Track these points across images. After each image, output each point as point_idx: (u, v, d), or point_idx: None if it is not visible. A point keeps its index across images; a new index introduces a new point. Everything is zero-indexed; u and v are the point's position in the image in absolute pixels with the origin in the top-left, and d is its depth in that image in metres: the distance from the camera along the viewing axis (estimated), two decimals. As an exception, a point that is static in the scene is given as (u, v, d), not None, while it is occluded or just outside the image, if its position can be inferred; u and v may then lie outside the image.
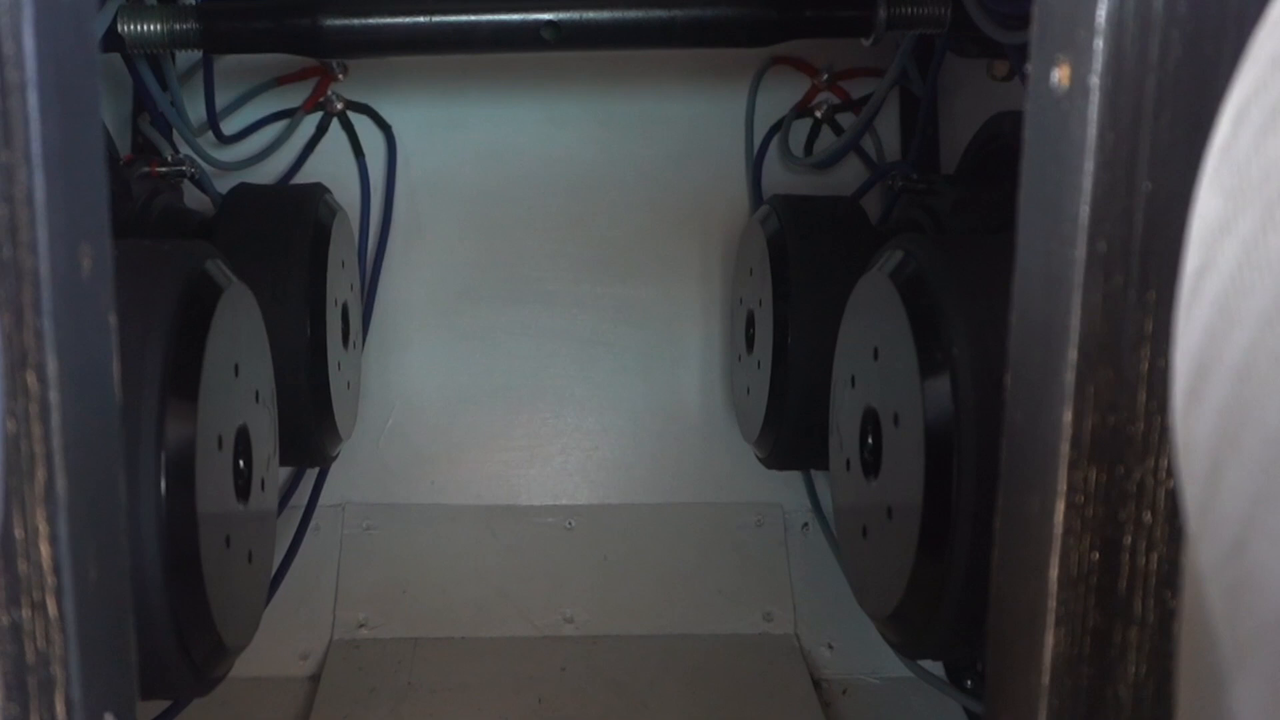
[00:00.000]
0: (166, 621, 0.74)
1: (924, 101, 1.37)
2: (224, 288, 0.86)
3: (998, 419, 0.47)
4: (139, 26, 1.14)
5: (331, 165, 1.47)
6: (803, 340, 1.20)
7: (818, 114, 1.49)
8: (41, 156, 0.38)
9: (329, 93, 1.46)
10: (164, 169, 1.27)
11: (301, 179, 1.46)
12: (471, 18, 1.17)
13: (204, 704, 0.97)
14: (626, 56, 1.48)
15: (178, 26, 1.15)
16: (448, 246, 1.51)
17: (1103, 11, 0.41)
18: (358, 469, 1.48)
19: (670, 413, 1.52)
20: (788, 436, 1.25)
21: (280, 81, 1.45)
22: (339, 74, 1.46)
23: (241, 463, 0.88)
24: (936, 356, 0.83)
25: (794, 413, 1.22)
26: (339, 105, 1.47)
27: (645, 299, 1.52)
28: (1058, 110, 0.44)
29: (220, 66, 1.41)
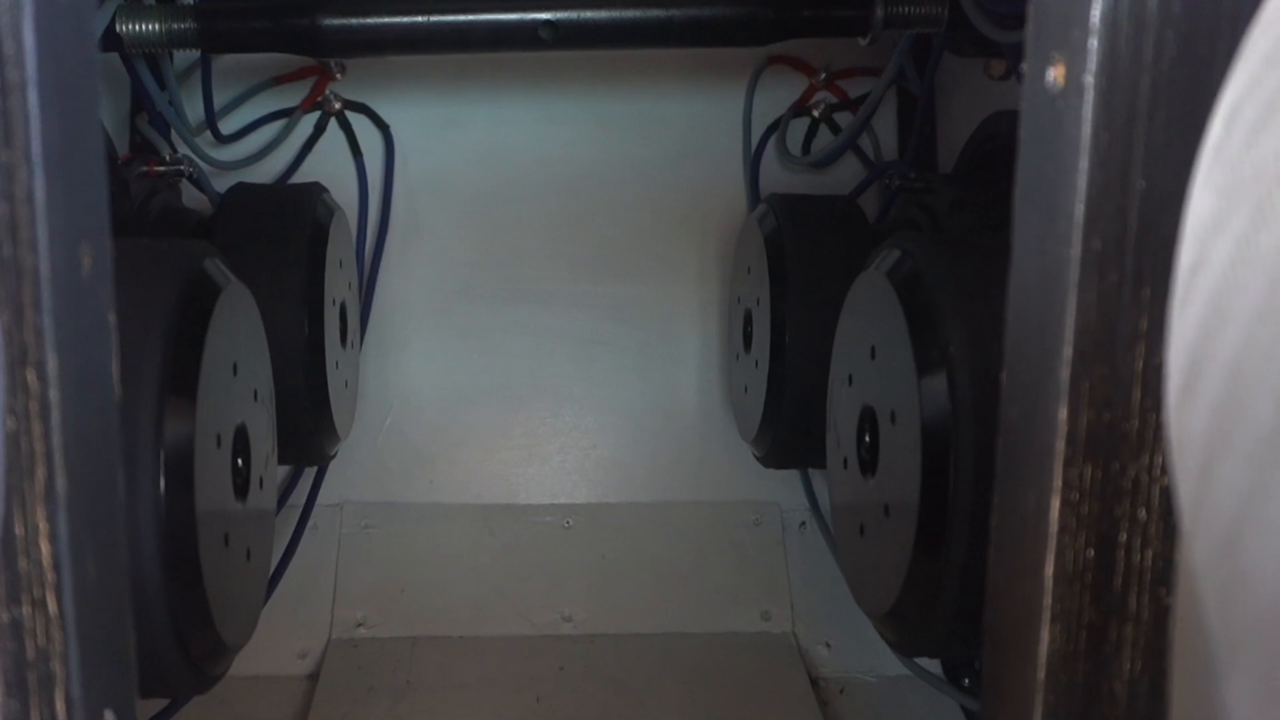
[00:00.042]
0: (165, 619, 0.74)
1: (921, 100, 1.37)
2: (222, 287, 0.86)
3: (994, 417, 0.47)
4: (137, 26, 1.14)
5: (329, 165, 1.47)
6: (800, 339, 1.20)
7: (815, 113, 1.49)
8: (41, 155, 0.38)
9: (327, 92, 1.46)
10: (162, 168, 1.26)
11: (299, 178, 1.46)
12: (469, 17, 1.17)
13: (203, 702, 0.97)
14: (624, 56, 1.48)
15: (176, 26, 1.15)
16: (446, 246, 1.51)
17: (1097, 11, 0.41)
18: (356, 468, 1.48)
19: (668, 411, 1.52)
20: (785, 435, 1.25)
21: (278, 81, 1.45)
22: (337, 73, 1.46)
23: (240, 461, 0.88)
24: (933, 355, 0.83)
25: (791, 411, 1.22)
26: (337, 105, 1.47)
27: (643, 298, 1.52)
28: (1053, 109, 0.44)
29: (218, 66, 1.41)
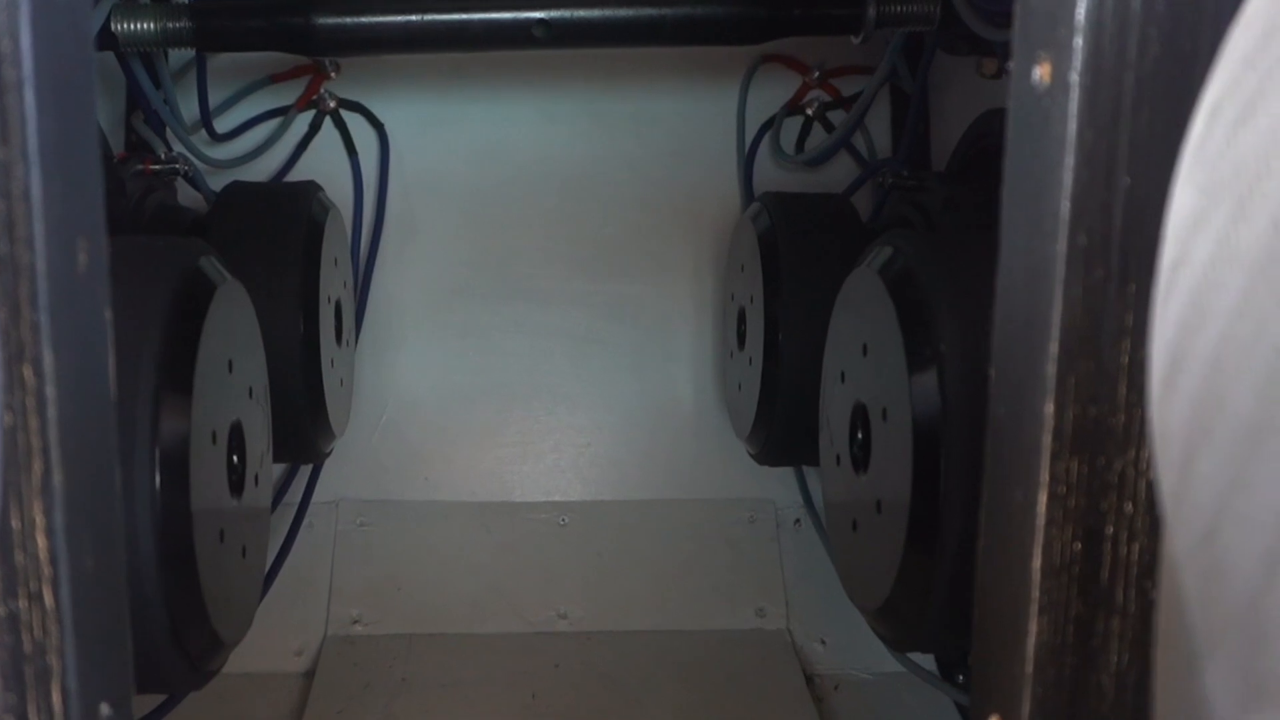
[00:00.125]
0: (161, 615, 0.75)
1: (914, 99, 1.37)
2: (218, 284, 0.86)
3: (985, 413, 0.48)
4: (132, 25, 1.15)
5: (324, 163, 1.47)
6: (793, 337, 1.20)
7: (809, 111, 1.50)
8: (38, 153, 0.39)
9: (322, 91, 1.47)
10: (157, 167, 1.27)
11: (294, 177, 1.46)
12: (463, 16, 1.17)
13: (199, 699, 0.97)
14: (619, 55, 1.49)
15: (171, 25, 1.16)
16: (441, 244, 1.51)
17: (1082, 10, 0.42)
18: (352, 466, 1.48)
19: (662, 409, 1.52)
20: (779, 432, 1.25)
21: (273, 80, 1.45)
22: (331, 72, 1.46)
23: (235, 458, 0.89)
24: (924, 351, 0.83)
25: (785, 409, 1.22)
26: (332, 103, 1.47)
27: (638, 296, 1.52)
28: (1039, 107, 0.45)
29: (213, 65, 1.41)
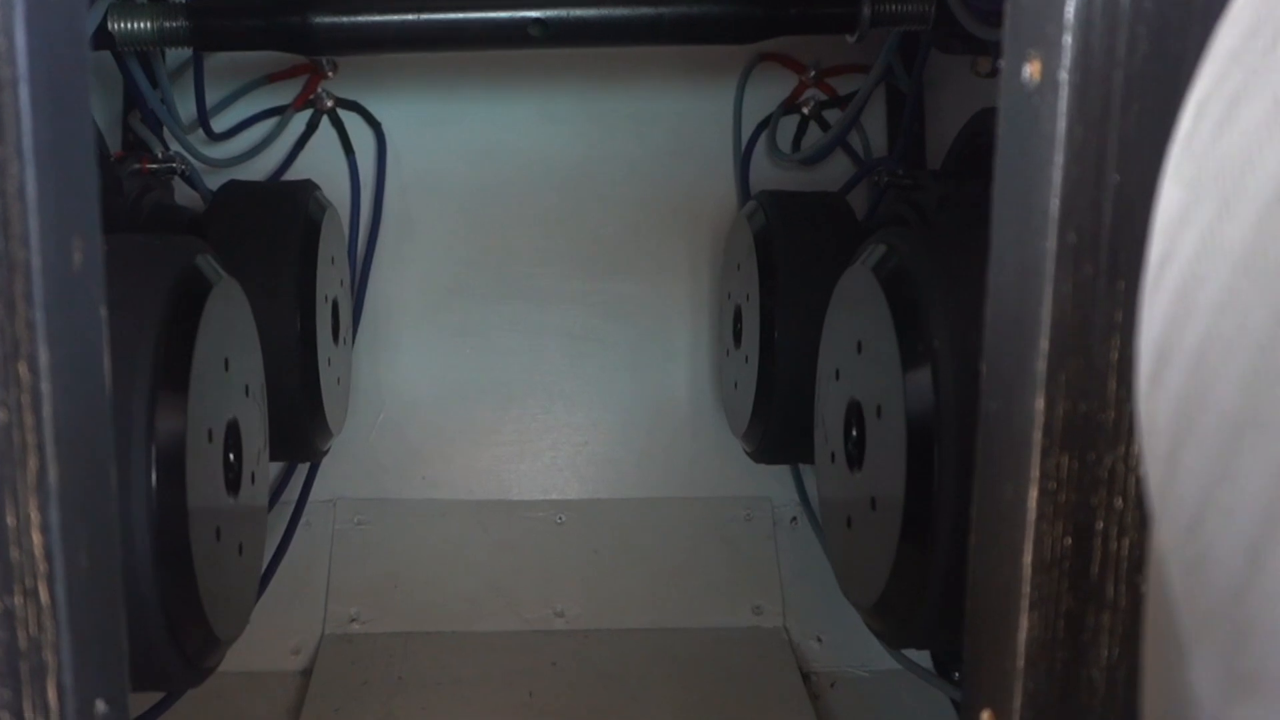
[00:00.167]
0: (157, 612, 0.75)
1: (909, 97, 1.37)
2: (214, 282, 0.86)
3: (977, 409, 0.48)
4: (129, 24, 1.15)
5: (322, 163, 1.47)
6: (789, 335, 1.20)
7: (805, 110, 1.50)
8: (33, 151, 0.39)
9: (319, 90, 1.47)
10: (154, 166, 1.26)
11: (292, 176, 1.46)
12: (460, 15, 1.18)
13: (196, 697, 0.98)
14: (616, 54, 1.49)
15: (167, 24, 1.16)
16: (438, 243, 1.51)
17: (1071, 8, 0.42)
18: (349, 464, 1.48)
19: (659, 407, 1.53)
20: (775, 430, 1.26)
21: (270, 79, 1.46)
22: (329, 71, 1.46)
23: (232, 456, 0.89)
24: (918, 349, 0.84)
25: (781, 407, 1.23)
26: (329, 103, 1.47)
27: (634, 295, 1.53)
28: (1029, 105, 0.45)
29: (210, 64, 1.41)
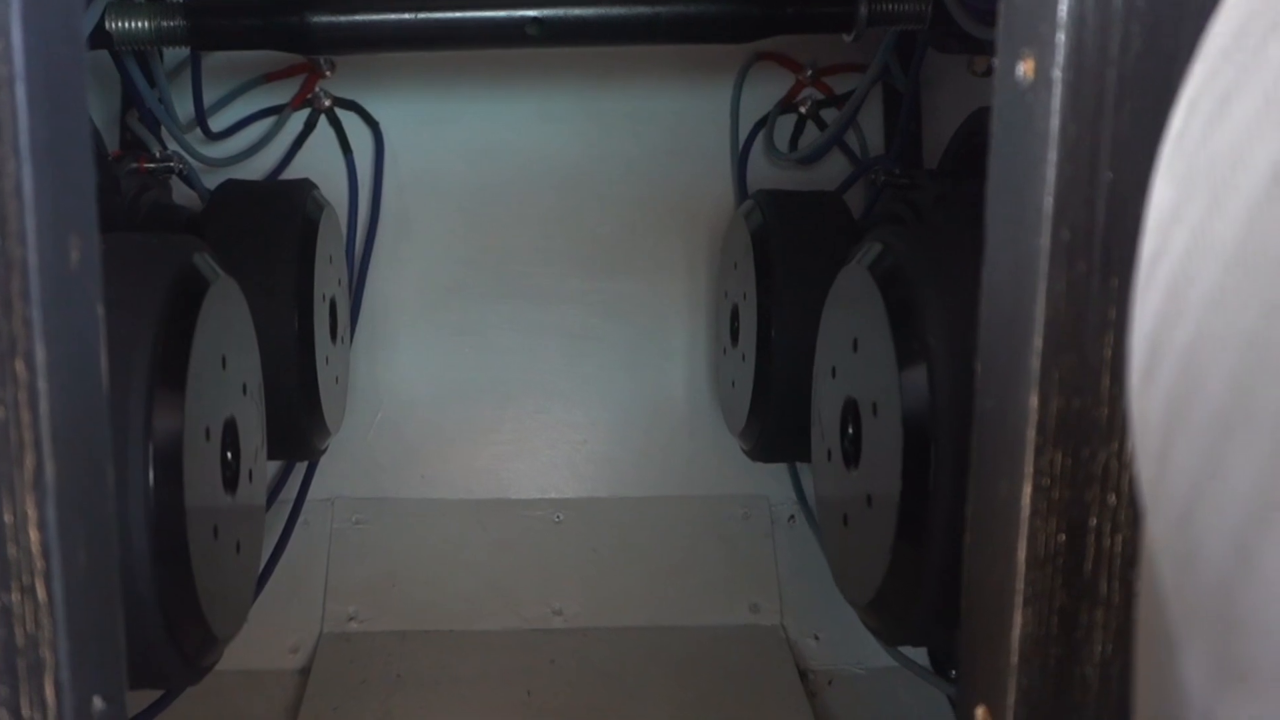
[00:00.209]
0: (155, 610, 0.75)
1: (906, 97, 1.37)
2: (211, 281, 0.87)
3: (972, 407, 0.48)
4: (126, 23, 1.15)
5: (320, 162, 1.47)
6: (786, 333, 1.20)
7: (802, 109, 1.50)
8: (30, 149, 0.39)
9: (317, 89, 1.47)
10: (152, 165, 1.27)
11: (289, 176, 1.46)
12: (457, 14, 1.18)
13: (194, 696, 0.98)
14: (613, 53, 1.49)
15: (165, 23, 1.16)
16: (436, 242, 1.52)
17: (1064, 6, 0.42)
18: (347, 463, 1.48)
19: (657, 406, 1.53)
20: (772, 429, 1.26)
21: (268, 78, 1.46)
22: (327, 71, 1.46)
23: (229, 454, 0.89)
24: (913, 346, 0.84)
25: (778, 405, 1.23)
26: (327, 102, 1.47)
27: (632, 294, 1.53)
28: (1023, 103, 0.45)
29: (208, 63, 1.41)
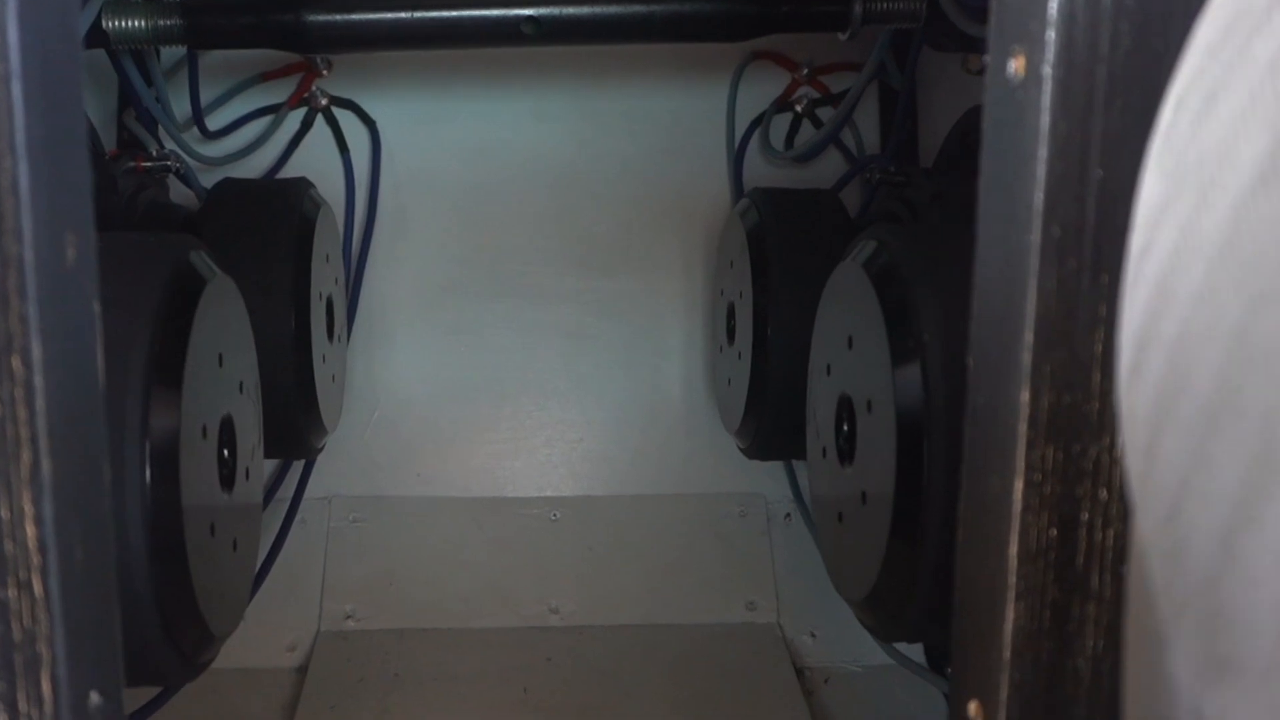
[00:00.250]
0: (152, 607, 0.75)
1: (902, 95, 1.38)
2: (208, 279, 0.87)
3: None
4: (123, 22, 1.15)
5: (316, 161, 1.47)
6: (782, 331, 1.21)
7: (798, 108, 1.50)
8: (25, 147, 0.39)
9: (313, 88, 1.47)
10: (149, 164, 1.27)
11: (286, 174, 1.46)
12: (453, 13, 1.18)
13: (193, 694, 0.98)
14: (609, 52, 1.49)
15: (161, 22, 1.16)
16: (433, 241, 1.52)
17: (1054, 4, 0.42)
18: (344, 462, 1.48)
19: (653, 404, 1.53)
20: (768, 426, 1.26)
21: (265, 77, 1.46)
22: (323, 70, 1.46)
23: (226, 452, 0.89)
24: (907, 343, 0.84)
25: (774, 403, 1.23)
26: (323, 101, 1.47)
27: (628, 292, 1.53)
28: (1013, 100, 0.45)
29: (205, 62, 1.41)
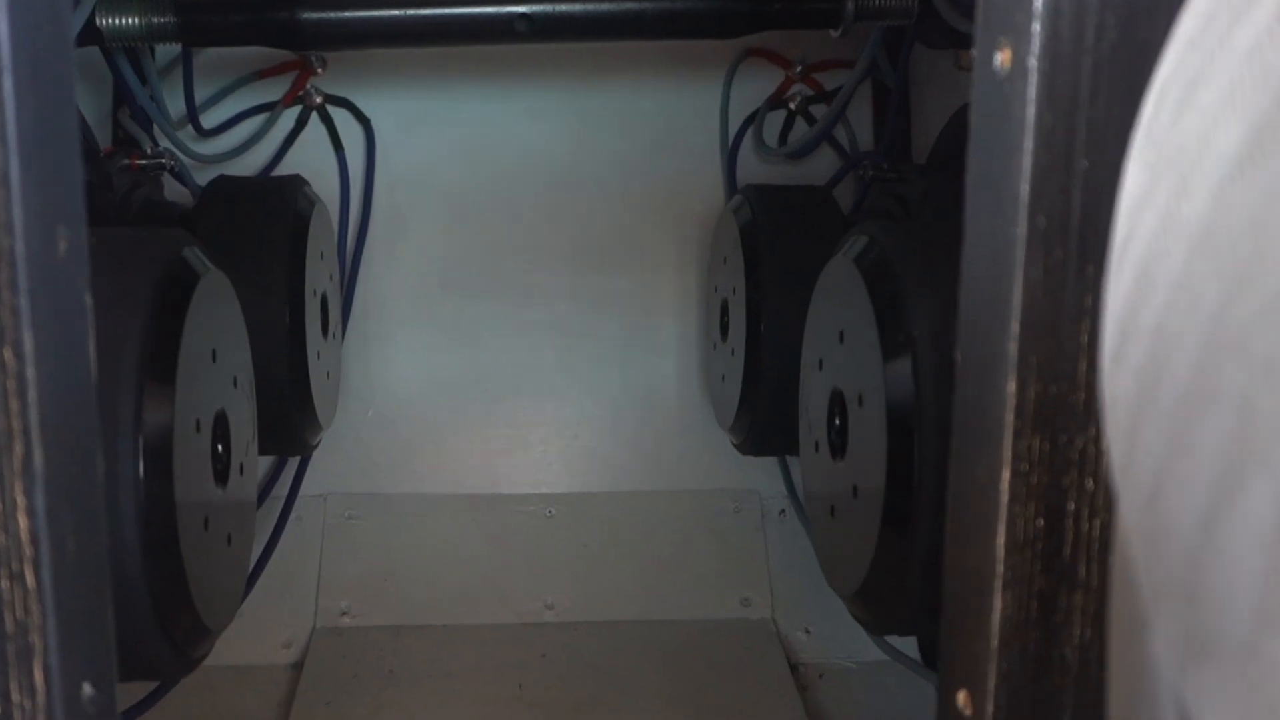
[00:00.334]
0: (145, 601, 0.75)
1: (894, 92, 1.38)
2: (201, 275, 0.87)
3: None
4: (117, 19, 1.15)
5: (311, 159, 1.47)
6: (775, 327, 1.21)
7: (791, 105, 1.51)
8: (16, 140, 0.39)
9: (308, 86, 1.47)
10: (144, 162, 1.27)
11: (281, 172, 1.46)
12: (446, 10, 1.18)
13: (187, 690, 0.98)
14: (603, 50, 1.49)
15: (155, 19, 1.16)
16: (428, 239, 1.52)
17: (1040, -4, 0.43)
18: (340, 459, 1.49)
19: (648, 401, 1.53)
20: (762, 422, 1.26)
21: (260, 75, 1.46)
22: (318, 68, 1.46)
23: (220, 447, 0.89)
24: (898, 338, 0.85)
25: (768, 399, 1.23)
26: (318, 99, 1.47)
27: (623, 289, 1.53)
28: (1000, 92, 0.46)
29: (200, 60, 1.41)
